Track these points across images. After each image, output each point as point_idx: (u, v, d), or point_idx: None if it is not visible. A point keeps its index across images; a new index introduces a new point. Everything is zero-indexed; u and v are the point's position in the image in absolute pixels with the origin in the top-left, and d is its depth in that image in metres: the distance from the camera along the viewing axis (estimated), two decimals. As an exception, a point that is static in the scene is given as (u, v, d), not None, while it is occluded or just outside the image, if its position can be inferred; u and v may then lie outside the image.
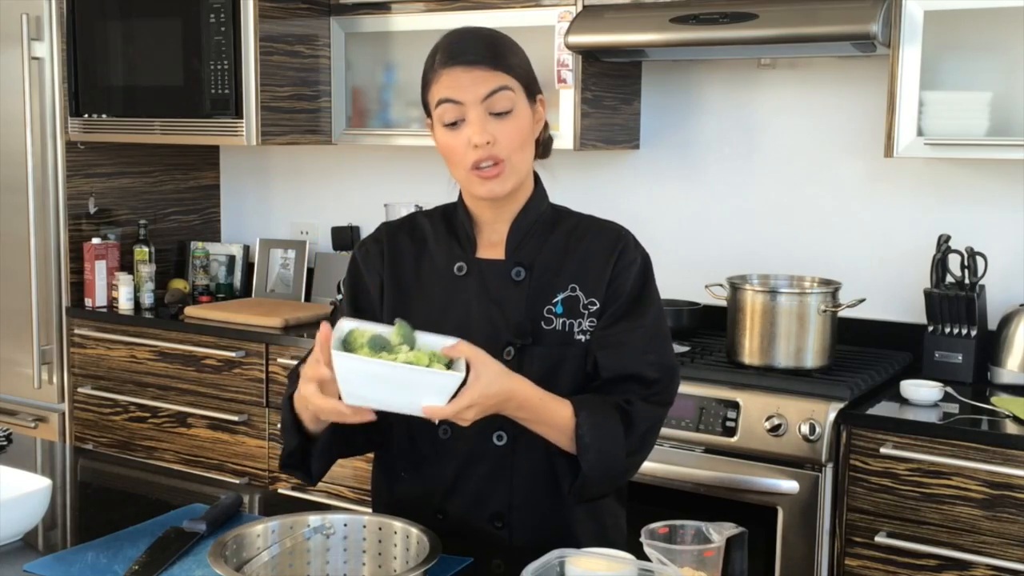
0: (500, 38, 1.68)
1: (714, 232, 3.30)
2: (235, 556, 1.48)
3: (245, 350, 3.37)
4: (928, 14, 2.64)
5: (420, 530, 1.52)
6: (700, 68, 3.28)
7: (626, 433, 1.62)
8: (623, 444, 1.62)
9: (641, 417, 1.64)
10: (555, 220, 1.75)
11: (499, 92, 1.62)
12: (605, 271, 1.70)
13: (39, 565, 1.57)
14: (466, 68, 1.61)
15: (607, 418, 1.61)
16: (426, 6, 3.32)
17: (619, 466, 1.63)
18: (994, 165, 2.90)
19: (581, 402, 1.62)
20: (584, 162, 3.44)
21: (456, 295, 1.71)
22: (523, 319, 1.68)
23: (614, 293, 1.69)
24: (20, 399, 3.82)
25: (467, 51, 1.62)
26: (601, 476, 1.62)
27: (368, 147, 3.77)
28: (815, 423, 2.52)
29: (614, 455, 1.61)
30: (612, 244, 1.72)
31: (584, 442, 1.59)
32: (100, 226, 3.81)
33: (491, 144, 1.62)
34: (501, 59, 1.63)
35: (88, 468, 2.18)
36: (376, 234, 1.82)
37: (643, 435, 1.65)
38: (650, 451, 1.70)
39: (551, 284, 1.70)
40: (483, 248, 1.74)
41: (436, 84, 1.64)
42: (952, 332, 2.79)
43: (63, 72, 3.67)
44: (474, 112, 1.62)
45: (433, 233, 1.77)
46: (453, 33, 1.68)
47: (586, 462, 1.60)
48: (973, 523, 2.39)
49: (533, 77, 1.70)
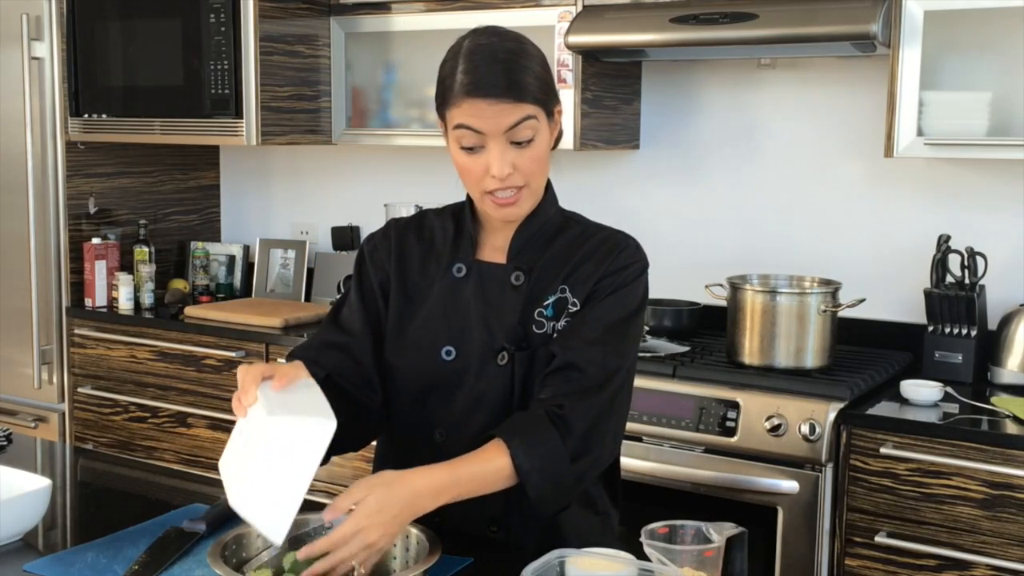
0: (524, 60, 1.61)
1: (714, 232, 3.30)
2: (235, 556, 1.48)
3: (245, 350, 3.37)
4: (928, 14, 2.64)
5: (420, 530, 1.52)
6: (700, 68, 3.28)
7: (564, 441, 1.56)
8: (564, 454, 1.56)
9: (577, 417, 1.58)
10: (562, 226, 1.73)
11: (522, 123, 1.59)
12: (596, 271, 1.67)
13: (39, 565, 1.57)
14: (490, 102, 1.57)
15: (540, 434, 1.56)
16: (426, 6, 3.32)
17: (567, 477, 1.57)
18: (994, 165, 2.90)
19: (509, 430, 1.56)
20: (584, 162, 3.44)
21: (456, 297, 1.71)
22: (516, 324, 1.66)
23: (598, 290, 1.66)
24: (20, 399, 3.82)
25: (491, 83, 1.57)
26: (551, 493, 1.57)
27: (368, 147, 3.77)
28: (815, 423, 2.52)
29: (558, 469, 1.56)
30: (611, 248, 1.69)
31: (524, 470, 1.53)
32: (100, 226, 3.81)
33: (511, 175, 1.60)
34: (524, 89, 1.58)
35: (88, 468, 2.18)
36: (385, 230, 1.81)
37: (584, 435, 1.59)
38: (606, 448, 1.64)
39: (545, 288, 1.69)
40: (487, 251, 1.73)
41: (456, 108, 1.59)
42: (952, 332, 2.79)
43: (63, 72, 3.66)
44: (495, 144, 1.59)
45: (441, 233, 1.77)
46: (476, 50, 1.60)
47: (531, 487, 1.55)
48: (973, 523, 2.39)
49: (551, 92, 1.65)
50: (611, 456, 1.71)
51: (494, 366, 1.66)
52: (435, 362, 1.70)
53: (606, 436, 1.63)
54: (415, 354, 1.72)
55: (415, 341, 1.72)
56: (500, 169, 1.59)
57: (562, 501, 1.61)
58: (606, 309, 1.66)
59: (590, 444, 1.60)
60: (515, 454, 1.53)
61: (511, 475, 1.54)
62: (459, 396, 1.69)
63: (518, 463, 1.53)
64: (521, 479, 1.54)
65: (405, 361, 1.73)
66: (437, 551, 1.46)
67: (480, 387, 1.67)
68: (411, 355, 1.72)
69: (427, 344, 1.71)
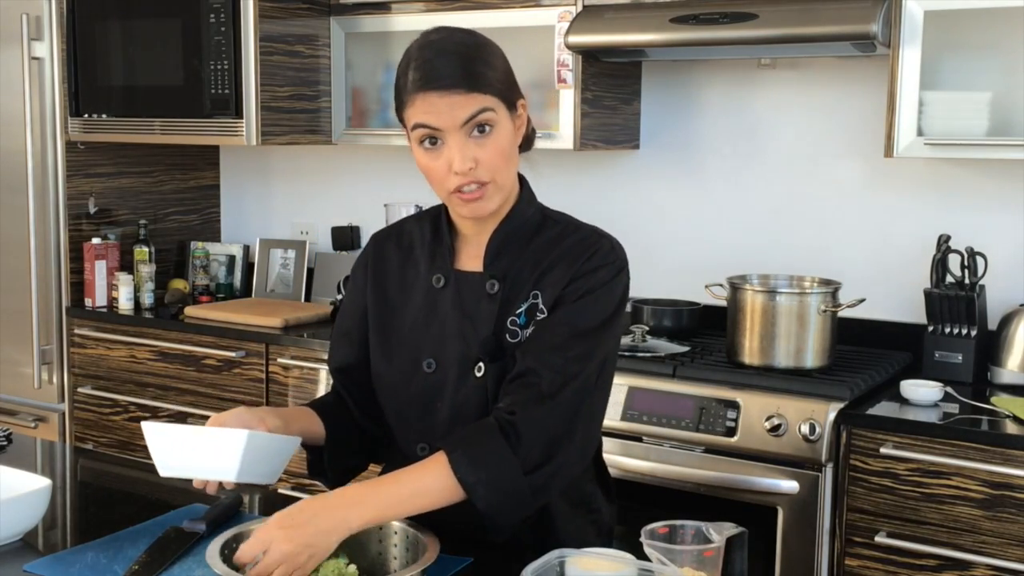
0: (475, 51, 1.58)
1: (714, 232, 3.30)
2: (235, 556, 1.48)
3: (245, 350, 3.37)
4: (928, 14, 2.64)
5: (419, 530, 1.52)
6: (700, 68, 3.28)
7: (515, 450, 1.50)
8: (514, 464, 1.50)
9: (529, 426, 1.52)
10: (540, 226, 1.68)
11: (479, 115, 1.54)
12: (566, 276, 1.61)
13: (39, 565, 1.57)
14: (441, 94, 1.53)
15: (486, 444, 1.51)
16: (426, 6, 3.32)
17: (521, 488, 1.51)
18: (994, 165, 2.90)
19: (452, 443, 1.52)
20: (584, 162, 3.44)
21: (435, 308, 1.68)
22: (491, 335, 1.63)
23: (567, 294, 1.61)
24: (20, 399, 3.82)
25: (442, 75, 1.53)
26: (504, 505, 1.51)
27: (368, 147, 3.77)
28: (815, 423, 2.52)
29: (508, 480, 1.50)
30: (583, 250, 1.63)
31: (468, 482, 1.48)
32: (100, 226, 3.81)
33: (473, 169, 1.56)
34: (478, 79, 1.54)
35: (88, 468, 2.18)
36: (366, 246, 1.82)
37: (540, 444, 1.52)
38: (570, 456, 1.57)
39: (518, 294, 1.64)
40: (465, 259, 1.70)
41: (411, 107, 1.56)
42: (952, 332, 2.79)
43: (63, 72, 3.67)
44: (453, 138, 1.55)
45: (420, 239, 1.74)
46: (426, 45, 1.58)
47: (478, 499, 1.49)
48: (973, 523, 2.39)
49: (511, 84, 1.61)
50: (581, 463, 1.64)
51: (472, 378, 1.63)
52: (417, 374, 1.68)
53: (568, 444, 1.56)
54: (397, 367, 1.70)
55: (397, 353, 1.71)
56: (461, 163, 1.54)
57: (520, 513, 1.54)
58: (575, 313, 1.60)
59: (550, 453, 1.54)
60: (456, 467, 1.49)
61: (454, 487, 1.49)
62: (440, 409, 1.67)
63: (460, 475, 1.49)
64: (467, 492, 1.49)
65: (388, 373, 1.72)
66: (436, 551, 1.46)
67: (459, 399, 1.65)
68: (394, 367, 1.71)
69: (408, 356, 1.69)
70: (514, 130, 1.62)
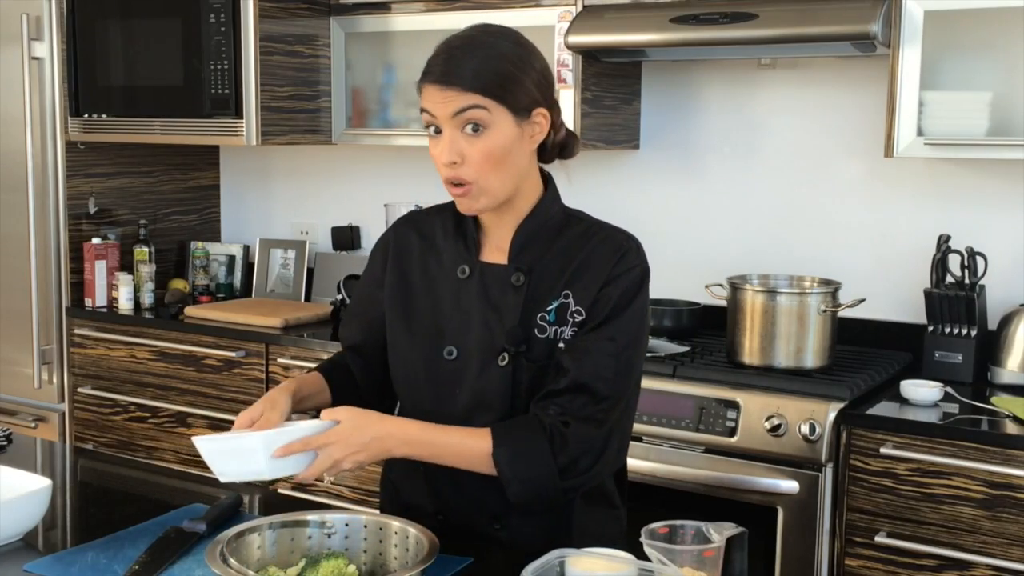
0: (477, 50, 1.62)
1: (714, 232, 3.30)
2: (235, 556, 1.48)
3: (245, 350, 3.37)
4: (928, 14, 2.64)
5: (418, 530, 1.53)
6: (700, 68, 3.28)
7: (556, 457, 1.59)
8: (553, 470, 1.59)
9: (578, 440, 1.60)
10: (564, 225, 1.73)
11: (468, 111, 1.59)
12: (599, 278, 1.66)
13: (39, 565, 1.57)
14: (439, 87, 1.60)
15: (531, 444, 1.59)
16: (426, 6, 3.32)
17: (552, 490, 1.60)
18: (994, 165, 2.90)
19: (502, 434, 1.60)
20: (584, 162, 3.44)
21: (459, 298, 1.72)
22: (517, 325, 1.66)
23: (601, 299, 1.65)
24: (20, 399, 3.82)
25: (441, 69, 1.60)
26: (531, 501, 1.61)
27: (368, 147, 3.77)
28: (815, 423, 2.52)
29: (543, 483, 1.59)
30: (612, 252, 1.68)
31: (506, 476, 1.58)
32: (100, 226, 3.81)
33: (458, 165, 1.61)
34: (473, 79, 1.58)
35: (88, 468, 2.18)
36: (385, 233, 1.87)
37: (575, 460, 1.60)
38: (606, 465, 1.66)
39: (547, 291, 1.68)
40: (489, 251, 1.74)
41: (421, 94, 1.64)
42: (952, 332, 2.79)
43: (63, 72, 3.67)
44: (446, 129, 1.62)
45: (442, 230, 1.78)
46: (450, 39, 1.65)
47: (512, 493, 1.60)
48: (973, 523, 2.39)
49: (525, 92, 1.63)
50: (611, 470, 1.73)
51: (495, 366, 1.67)
52: (436, 360, 1.71)
53: (606, 455, 1.65)
54: (418, 352, 1.73)
55: (418, 339, 1.74)
56: (446, 155, 1.61)
57: (544, 506, 1.64)
58: (618, 329, 1.65)
59: (589, 464, 1.62)
60: (498, 459, 1.59)
61: (489, 465, 1.59)
62: (460, 396, 1.69)
63: (500, 468, 1.59)
64: (503, 483, 1.59)
65: (409, 352, 1.75)
66: (435, 551, 1.47)
67: (480, 387, 1.68)
68: (414, 353, 1.74)
69: (429, 342, 1.72)
70: (520, 137, 1.64)
